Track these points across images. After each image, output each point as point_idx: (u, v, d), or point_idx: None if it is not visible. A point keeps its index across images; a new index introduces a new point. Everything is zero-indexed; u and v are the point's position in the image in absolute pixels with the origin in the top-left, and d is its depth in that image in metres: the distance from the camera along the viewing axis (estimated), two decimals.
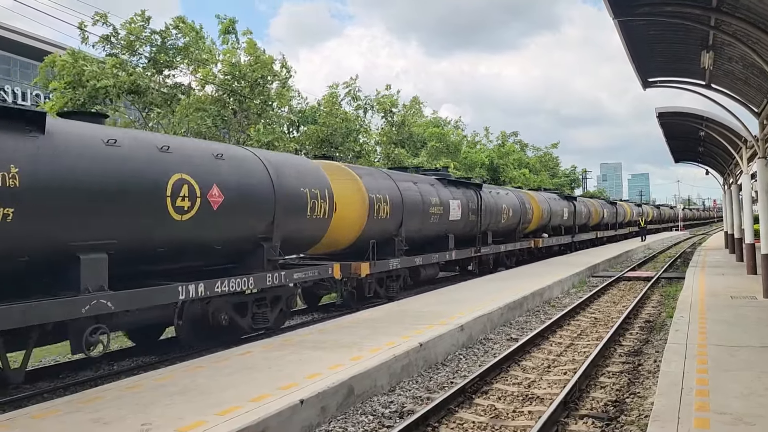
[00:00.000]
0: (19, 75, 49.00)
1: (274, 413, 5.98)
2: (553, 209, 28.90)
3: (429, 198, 17.13)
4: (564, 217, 30.94)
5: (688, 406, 6.09)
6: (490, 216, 21.42)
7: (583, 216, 35.07)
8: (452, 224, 18.43)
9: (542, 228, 28.36)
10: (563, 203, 31.42)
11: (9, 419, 6.00)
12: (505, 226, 23.28)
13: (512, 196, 24.68)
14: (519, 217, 24.62)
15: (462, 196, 19.32)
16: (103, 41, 21.94)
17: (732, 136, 18.59)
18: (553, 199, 30.22)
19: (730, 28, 10.42)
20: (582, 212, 34.57)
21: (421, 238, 17.03)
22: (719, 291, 14.76)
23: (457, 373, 9.04)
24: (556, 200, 30.66)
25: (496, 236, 22.89)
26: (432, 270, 17.71)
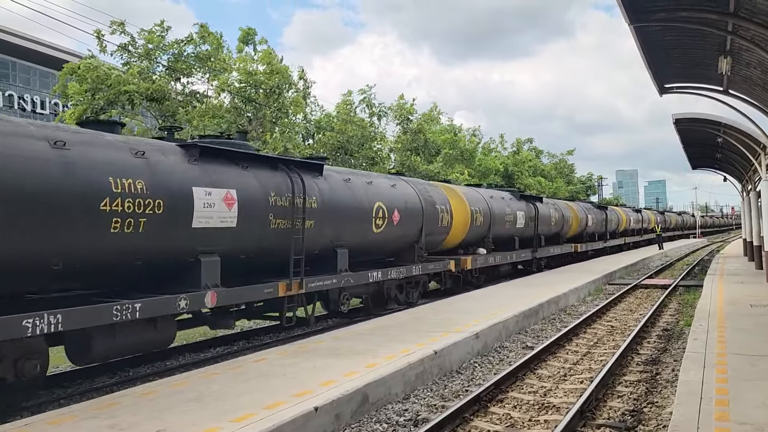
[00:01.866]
0: (39, 84, 49.77)
1: (289, 420, 5.98)
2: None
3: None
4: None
5: (707, 415, 6.00)
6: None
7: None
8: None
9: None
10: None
11: (26, 425, 6.05)
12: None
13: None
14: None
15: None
16: (121, 50, 22.23)
17: (750, 142, 18.40)
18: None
19: (748, 33, 10.32)
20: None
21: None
22: (738, 299, 14.56)
23: (472, 381, 8.98)
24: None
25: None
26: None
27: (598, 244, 34.36)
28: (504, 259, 21.07)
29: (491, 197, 21.14)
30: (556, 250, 26.93)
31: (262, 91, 23.93)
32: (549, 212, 25.95)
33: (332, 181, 12.77)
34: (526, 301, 14.45)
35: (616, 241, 38.85)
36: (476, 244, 19.82)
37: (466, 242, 19.31)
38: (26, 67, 49.32)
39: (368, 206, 13.51)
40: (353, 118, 28.71)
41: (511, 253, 21.76)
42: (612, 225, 37.63)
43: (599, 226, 34.85)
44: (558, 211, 27.19)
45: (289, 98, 25.38)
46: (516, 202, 23.39)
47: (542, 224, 24.56)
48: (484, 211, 20.07)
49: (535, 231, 23.94)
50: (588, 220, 32.18)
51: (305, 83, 26.23)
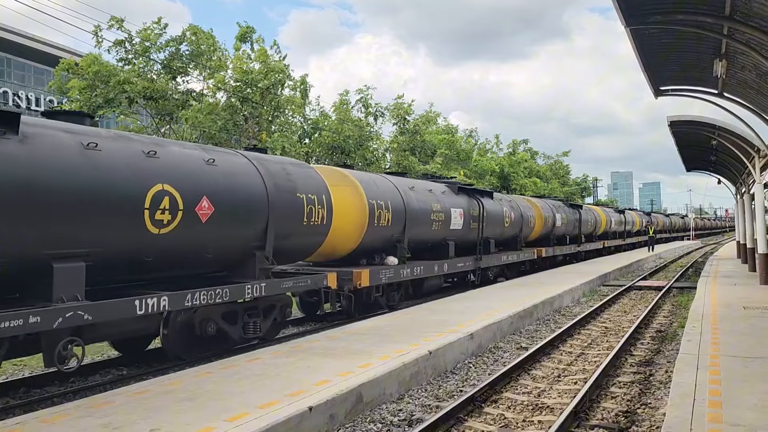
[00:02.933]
0: (33, 81, 49.54)
1: (283, 420, 5.97)
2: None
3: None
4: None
5: (700, 417, 6.01)
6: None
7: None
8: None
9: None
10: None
11: (19, 423, 6.03)
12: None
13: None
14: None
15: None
16: (117, 45, 22.17)
17: (745, 145, 18.48)
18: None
19: (743, 37, 10.37)
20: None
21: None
22: (732, 301, 14.62)
23: (466, 382, 8.99)
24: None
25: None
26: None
27: (569, 248, 29.75)
28: (429, 270, 16.12)
29: (411, 188, 16.29)
30: (511, 257, 21.92)
31: (257, 89, 23.89)
32: (501, 210, 21.29)
33: None
34: (521, 302, 14.47)
35: (593, 245, 34.49)
36: (384, 250, 15.07)
37: (364, 248, 14.43)
38: (21, 64, 49.07)
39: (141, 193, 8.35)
40: (350, 118, 28.69)
41: (442, 263, 16.92)
42: (588, 226, 33.24)
43: (571, 228, 29.95)
44: (515, 210, 22.69)
45: (285, 97, 25.35)
46: (452, 196, 18.32)
47: (491, 225, 19.99)
48: (395, 206, 15.04)
49: (479, 234, 19.23)
50: (556, 220, 27.39)
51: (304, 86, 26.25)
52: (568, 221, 29.45)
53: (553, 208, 27.88)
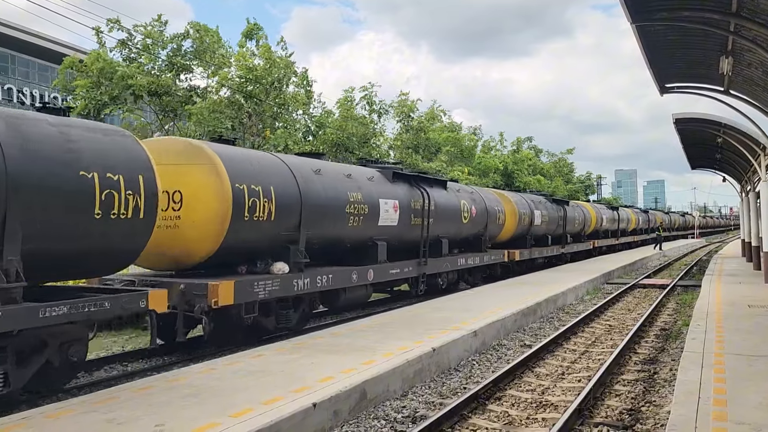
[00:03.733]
0: (38, 78, 49.66)
1: (287, 416, 5.97)
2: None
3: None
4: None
5: (705, 415, 6.00)
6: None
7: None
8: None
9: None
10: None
11: (24, 418, 6.04)
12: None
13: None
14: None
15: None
16: (120, 46, 22.20)
17: (750, 143, 18.41)
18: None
19: (750, 34, 10.32)
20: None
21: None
22: (736, 300, 14.58)
23: (470, 379, 8.98)
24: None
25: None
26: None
27: (551, 249, 26.02)
28: (343, 280, 12.42)
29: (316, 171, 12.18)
30: (472, 260, 18.16)
31: (261, 86, 23.88)
32: (458, 203, 17.48)
33: None
34: (524, 300, 14.46)
35: (580, 246, 30.84)
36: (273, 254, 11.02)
37: (231, 251, 10.35)
38: (26, 60, 49.21)
39: None
40: (354, 115, 28.65)
41: (365, 269, 13.09)
42: (575, 225, 29.47)
43: (554, 226, 26.17)
44: (477, 203, 18.86)
45: (290, 93, 25.33)
46: (383, 184, 14.25)
47: (443, 221, 16.43)
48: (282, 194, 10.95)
49: (425, 232, 15.34)
50: (534, 217, 23.56)
51: (307, 83, 26.22)
52: (550, 219, 25.53)
53: (531, 204, 23.98)
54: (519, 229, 22.55)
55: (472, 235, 19.00)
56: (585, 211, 32.11)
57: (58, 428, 5.68)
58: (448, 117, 38.80)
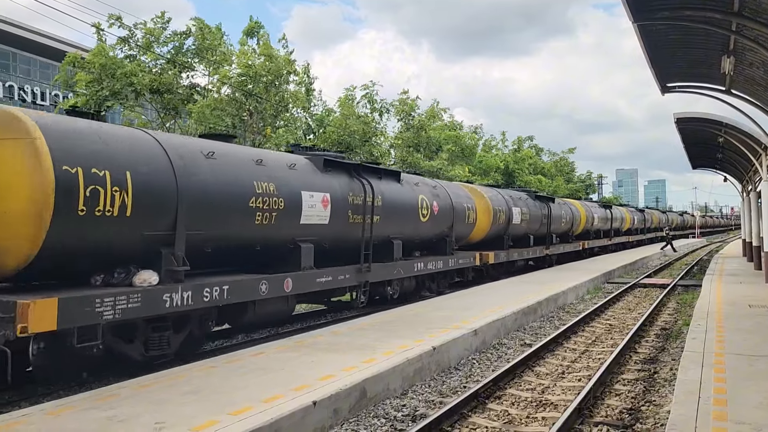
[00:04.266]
0: (39, 75, 49.65)
1: (287, 414, 5.98)
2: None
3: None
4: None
5: (705, 415, 6.00)
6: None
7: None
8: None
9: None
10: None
11: (24, 415, 6.05)
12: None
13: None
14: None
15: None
16: (121, 43, 22.20)
17: (752, 143, 18.39)
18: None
19: (752, 33, 10.30)
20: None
21: None
22: (737, 299, 14.57)
23: (470, 378, 8.98)
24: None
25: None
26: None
27: (533, 251, 23.80)
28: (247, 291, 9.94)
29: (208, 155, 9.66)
30: (433, 264, 15.86)
31: (262, 84, 23.88)
32: (415, 199, 15.23)
33: None
34: (525, 299, 14.46)
35: (567, 247, 28.28)
36: (138, 260, 8.62)
37: (64, 256, 7.86)
38: (27, 58, 49.19)
39: None
40: (355, 113, 28.65)
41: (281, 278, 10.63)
42: (562, 224, 27.27)
43: (536, 225, 23.97)
44: (441, 198, 16.62)
45: (290, 91, 25.33)
46: (309, 174, 11.78)
47: (395, 219, 14.27)
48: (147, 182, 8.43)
49: (367, 232, 12.93)
50: (513, 215, 21.33)
51: (308, 78, 26.21)
52: (532, 217, 23.33)
53: (510, 200, 21.68)
54: (494, 228, 20.26)
55: (435, 235, 16.66)
56: (573, 209, 29.81)
57: (59, 425, 5.69)
58: (449, 115, 38.79)
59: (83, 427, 5.63)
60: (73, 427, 5.63)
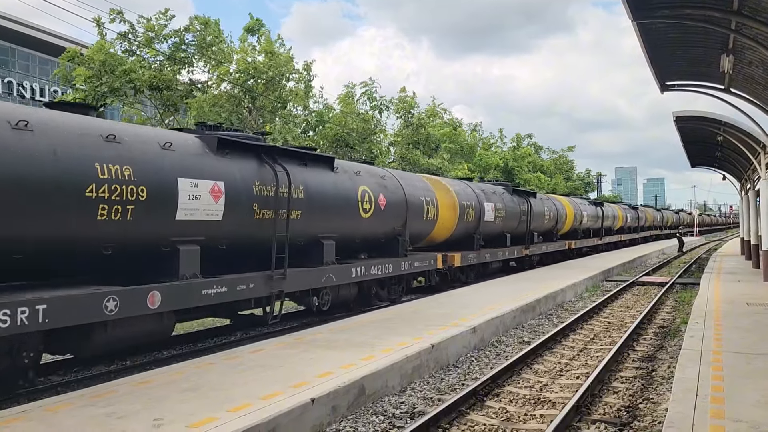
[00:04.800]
0: (38, 71, 49.56)
1: (285, 411, 5.98)
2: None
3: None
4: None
5: (703, 413, 6.01)
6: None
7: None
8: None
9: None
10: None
11: (23, 411, 6.05)
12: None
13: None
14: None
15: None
16: (121, 38, 22.16)
17: (751, 141, 18.41)
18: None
19: (751, 32, 10.31)
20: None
21: None
22: (735, 298, 14.59)
23: (468, 375, 9.00)
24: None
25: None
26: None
27: (509, 251, 21.38)
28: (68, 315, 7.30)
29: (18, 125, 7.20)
30: (377, 269, 13.47)
31: (261, 81, 23.86)
32: (352, 189, 12.96)
33: None
34: (524, 297, 14.47)
35: (550, 246, 26.18)
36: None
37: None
38: (26, 53, 49.10)
39: None
40: (355, 110, 28.63)
41: (129, 293, 7.96)
42: (545, 221, 25.41)
43: (514, 223, 21.77)
44: (390, 191, 14.30)
45: (289, 89, 25.31)
46: (190, 157, 9.22)
47: (321, 214, 11.88)
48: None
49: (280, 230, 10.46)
50: (484, 212, 19.21)
51: (308, 75, 26.21)
52: (508, 214, 21.17)
53: (481, 195, 19.50)
54: (462, 226, 18.04)
55: (384, 234, 14.23)
56: (558, 205, 27.68)
57: (57, 422, 5.69)
58: (448, 114, 38.80)
59: (81, 424, 5.63)
60: (72, 424, 5.64)
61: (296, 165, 11.46)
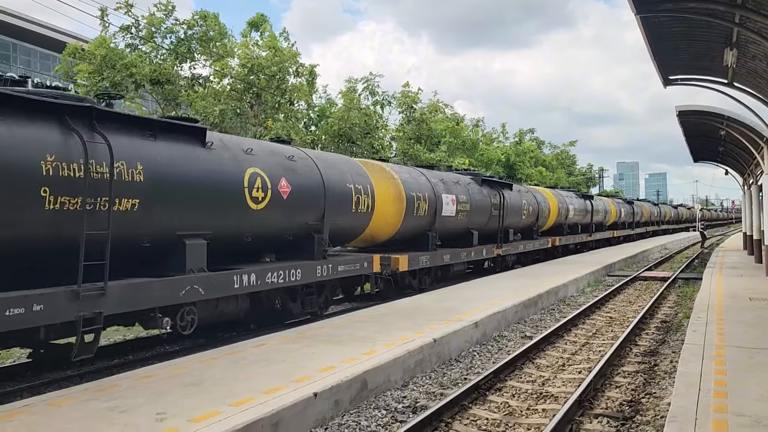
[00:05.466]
0: (39, 66, 49.51)
1: (288, 405, 5.99)
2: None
3: None
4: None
5: (705, 407, 6.01)
6: None
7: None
8: None
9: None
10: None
11: (26, 405, 6.07)
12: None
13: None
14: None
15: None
16: (123, 31, 22.12)
17: (753, 136, 18.35)
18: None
19: (755, 26, 10.25)
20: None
21: None
22: (737, 292, 14.57)
23: (471, 370, 9.00)
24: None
25: None
26: None
27: (476, 251, 18.87)
28: None
29: None
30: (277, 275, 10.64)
31: (263, 76, 23.81)
32: (235, 172, 9.99)
33: None
34: (526, 292, 14.46)
35: (529, 245, 23.89)
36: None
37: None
38: (27, 49, 49.03)
39: None
40: (357, 105, 28.57)
41: None
42: (522, 217, 23.02)
43: (483, 219, 19.49)
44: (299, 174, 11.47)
45: (292, 84, 25.25)
46: None
47: (181, 204, 9.07)
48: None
49: (88, 228, 6.84)
50: (441, 205, 16.81)
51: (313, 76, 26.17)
52: (474, 207, 18.71)
53: (439, 185, 17.07)
54: (411, 221, 15.50)
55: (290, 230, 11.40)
56: (540, 198, 25.41)
57: (61, 415, 5.70)
58: (450, 109, 38.70)
59: (85, 417, 5.64)
60: (75, 417, 5.65)
61: (135, 137, 8.44)
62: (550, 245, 26.27)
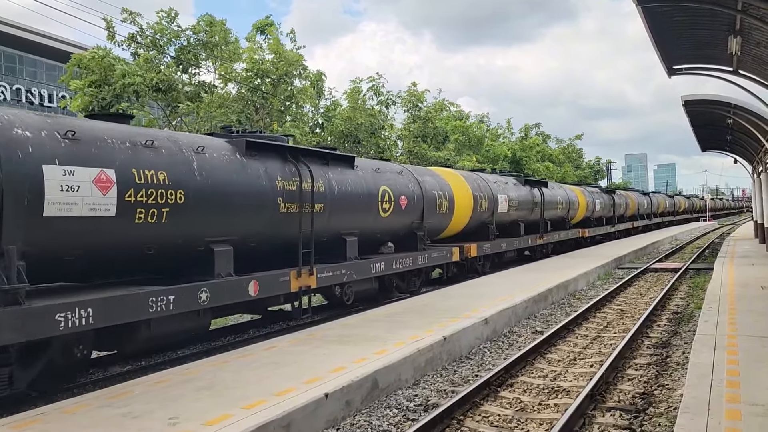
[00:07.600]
0: (45, 77, 49.88)
1: (300, 407, 6.01)
2: None
3: None
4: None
5: (718, 397, 5.98)
6: None
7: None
8: None
9: None
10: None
11: (41, 413, 6.12)
12: None
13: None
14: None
15: None
16: (129, 40, 22.20)
17: (761, 123, 18.23)
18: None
19: (758, 12, 10.18)
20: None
21: None
22: (749, 281, 14.48)
23: (481, 367, 8.99)
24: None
25: None
26: None
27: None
28: None
29: None
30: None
31: (269, 80, 23.85)
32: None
33: None
34: (535, 287, 14.42)
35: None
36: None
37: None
38: (33, 60, 49.41)
39: None
40: (363, 106, 28.56)
41: None
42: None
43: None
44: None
45: (298, 88, 25.27)
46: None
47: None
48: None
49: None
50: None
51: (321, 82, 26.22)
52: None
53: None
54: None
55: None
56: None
57: (75, 423, 5.75)
58: (456, 107, 38.66)
59: (98, 424, 5.68)
60: (89, 425, 5.69)
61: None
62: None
